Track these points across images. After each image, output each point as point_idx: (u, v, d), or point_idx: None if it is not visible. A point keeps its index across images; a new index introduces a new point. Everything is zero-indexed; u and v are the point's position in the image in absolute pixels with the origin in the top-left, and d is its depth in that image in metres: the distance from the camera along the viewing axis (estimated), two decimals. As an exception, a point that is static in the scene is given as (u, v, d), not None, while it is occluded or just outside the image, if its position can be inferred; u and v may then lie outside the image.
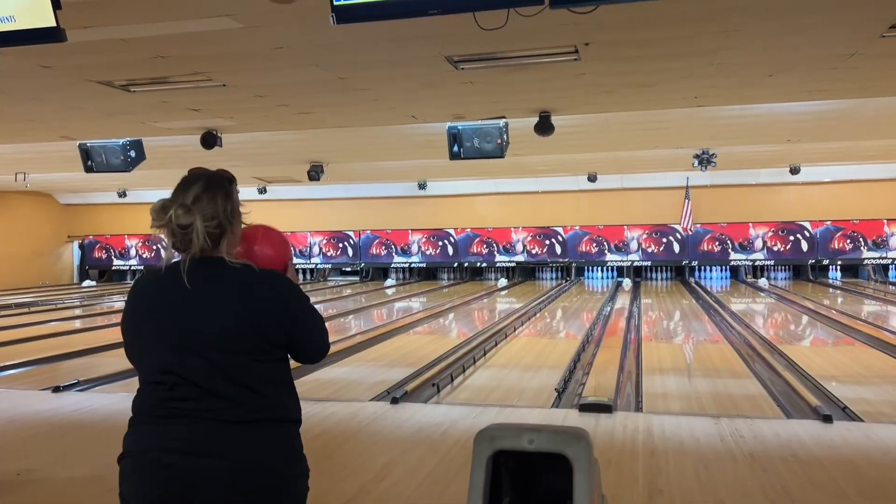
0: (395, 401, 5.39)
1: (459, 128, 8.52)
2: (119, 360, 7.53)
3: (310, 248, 20.19)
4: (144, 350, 1.82)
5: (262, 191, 17.46)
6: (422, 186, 17.29)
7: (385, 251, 19.58)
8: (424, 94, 7.23)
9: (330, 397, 5.72)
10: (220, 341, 1.74)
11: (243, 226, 1.91)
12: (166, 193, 1.90)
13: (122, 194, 18.33)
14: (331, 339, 1.99)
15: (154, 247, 20.92)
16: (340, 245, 19.94)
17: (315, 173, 13.00)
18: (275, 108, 7.80)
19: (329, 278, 20.49)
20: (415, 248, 19.41)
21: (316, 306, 1.96)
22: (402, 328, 10.09)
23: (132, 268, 21.36)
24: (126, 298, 1.89)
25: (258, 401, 1.76)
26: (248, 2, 4.43)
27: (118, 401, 5.58)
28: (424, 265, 19.43)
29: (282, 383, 1.84)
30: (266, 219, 2.12)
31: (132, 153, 9.64)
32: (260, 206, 19.67)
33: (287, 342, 1.83)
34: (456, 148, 8.61)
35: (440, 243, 19.25)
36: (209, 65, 6.02)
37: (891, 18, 4.95)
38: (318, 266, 20.33)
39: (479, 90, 6.96)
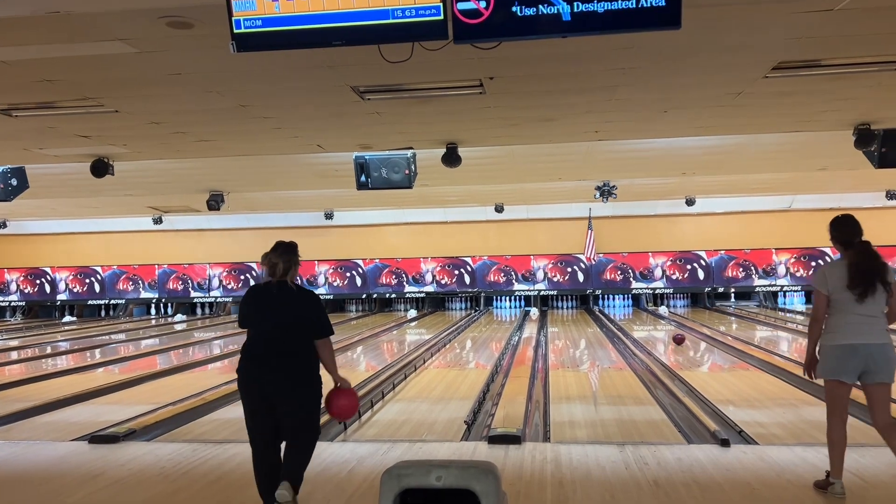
0: (299, 439, 5.18)
1: (367, 158, 8.45)
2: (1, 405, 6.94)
3: (209, 280, 19.49)
4: (252, 326, 3.86)
5: (158, 221, 16.73)
6: (329, 216, 17.03)
7: (291, 283, 19.12)
8: (330, 124, 7.14)
9: (230, 438, 5.46)
10: (289, 322, 3.78)
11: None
12: (53, 223, 1.87)
13: (3, 225, 17.21)
14: (228, 378, 1.96)
15: (37, 281, 19.67)
16: (242, 277, 19.37)
17: (215, 202, 12.53)
18: (171, 136, 7.51)
19: (232, 313, 19.81)
20: (322, 280, 19.09)
21: (214, 342, 2.15)
22: (308, 362, 9.81)
23: (13, 304, 19.98)
24: (243, 297, 3.95)
25: (303, 350, 3.78)
26: (143, 26, 4.24)
27: (-7, 450, 5.11)
28: (332, 297, 19.11)
29: (312, 343, 3.82)
30: (162, 251, 2.10)
31: (13, 181, 9.06)
32: (155, 237, 18.92)
33: (315, 324, 3.81)
34: (363, 178, 8.53)
35: (348, 274, 19.03)
36: (100, 90, 5.73)
37: (772, 61, 5.28)
38: (218, 300, 19.64)
39: (386, 121, 6.93)
